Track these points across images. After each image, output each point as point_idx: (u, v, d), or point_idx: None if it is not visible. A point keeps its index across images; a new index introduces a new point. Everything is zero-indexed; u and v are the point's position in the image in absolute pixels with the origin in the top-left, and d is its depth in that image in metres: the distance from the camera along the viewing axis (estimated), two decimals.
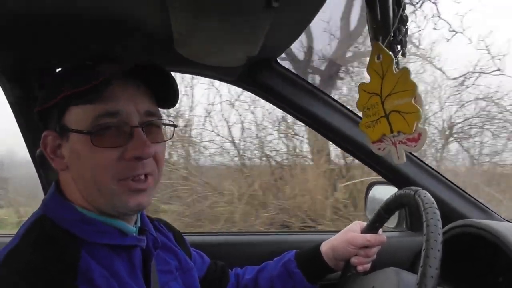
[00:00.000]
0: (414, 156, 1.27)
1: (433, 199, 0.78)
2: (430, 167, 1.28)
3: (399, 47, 0.67)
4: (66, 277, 0.64)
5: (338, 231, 1.11)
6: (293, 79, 1.16)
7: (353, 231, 1.06)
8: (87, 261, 0.67)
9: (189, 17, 0.72)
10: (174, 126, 0.81)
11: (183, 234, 1.05)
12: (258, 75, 1.14)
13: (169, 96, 0.79)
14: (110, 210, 0.73)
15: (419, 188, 0.83)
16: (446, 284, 0.94)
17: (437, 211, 0.74)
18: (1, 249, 0.67)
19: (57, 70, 0.80)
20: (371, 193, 1.45)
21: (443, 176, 1.29)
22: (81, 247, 0.69)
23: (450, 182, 1.29)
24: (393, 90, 0.70)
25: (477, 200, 1.29)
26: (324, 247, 1.08)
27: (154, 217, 0.98)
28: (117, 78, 0.70)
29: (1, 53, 0.99)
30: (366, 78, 0.77)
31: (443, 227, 0.72)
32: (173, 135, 0.81)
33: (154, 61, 0.75)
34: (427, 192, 0.81)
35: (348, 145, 1.23)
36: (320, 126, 1.21)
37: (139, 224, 0.83)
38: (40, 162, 0.82)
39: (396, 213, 1.38)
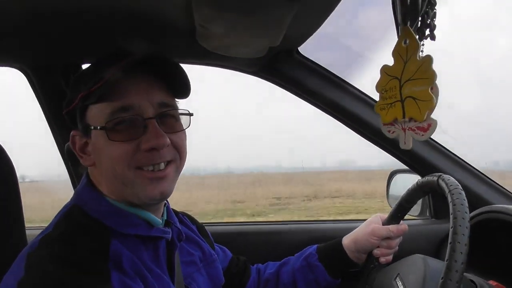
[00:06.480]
0: (437, 143, 1.25)
1: (457, 182, 0.77)
2: (453, 154, 1.26)
3: (427, 31, 0.67)
4: (98, 260, 0.66)
5: (360, 220, 1.11)
6: (315, 68, 1.16)
7: (375, 223, 1.06)
8: (117, 247, 0.70)
9: (211, 9, 0.73)
10: (190, 115, 0.81)
11: (205, 224, 1.08)
12: (280, 65, 1.14)
13: (180, 86, 0.80)
14: (135, 200, 0.75)
15: (441, 173, 0.83)
16: (472, 272, 0.93)
17: (463, 192, 0.74)
18: (36, 236, 0.71)
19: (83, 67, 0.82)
20: (393, 182, 1.44)
21: (467, 163, 1.27)
22: (111, 235, 0.72)
23: (475, 168, 1.27)
24: (413, 76, 0.70)
25: (502, 187, 1.26)
26: (346, 240, 1.09)
27: (179, 211, 1.01)
28: (128, 74, 0.72)
29: (30, 51, 1.02)
30: None
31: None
32: (189, 124, 0.81)
33: (161, 53, 0.75)
34: (450, 176, 0.80)
35: (371, 134, 1.22)
36: (343, 116, 1.20)
37: (165, 217, 0.85)
38: (68, 156, 0.85)
39: (419, 201, 1.37)
